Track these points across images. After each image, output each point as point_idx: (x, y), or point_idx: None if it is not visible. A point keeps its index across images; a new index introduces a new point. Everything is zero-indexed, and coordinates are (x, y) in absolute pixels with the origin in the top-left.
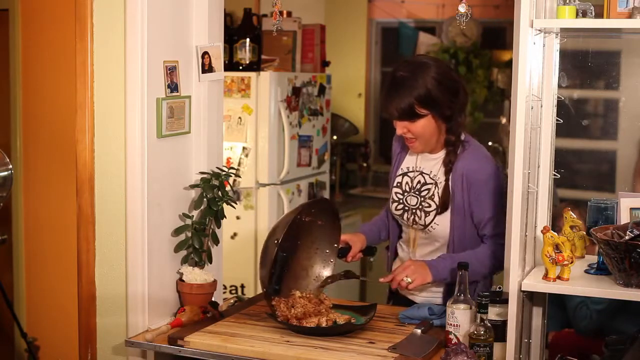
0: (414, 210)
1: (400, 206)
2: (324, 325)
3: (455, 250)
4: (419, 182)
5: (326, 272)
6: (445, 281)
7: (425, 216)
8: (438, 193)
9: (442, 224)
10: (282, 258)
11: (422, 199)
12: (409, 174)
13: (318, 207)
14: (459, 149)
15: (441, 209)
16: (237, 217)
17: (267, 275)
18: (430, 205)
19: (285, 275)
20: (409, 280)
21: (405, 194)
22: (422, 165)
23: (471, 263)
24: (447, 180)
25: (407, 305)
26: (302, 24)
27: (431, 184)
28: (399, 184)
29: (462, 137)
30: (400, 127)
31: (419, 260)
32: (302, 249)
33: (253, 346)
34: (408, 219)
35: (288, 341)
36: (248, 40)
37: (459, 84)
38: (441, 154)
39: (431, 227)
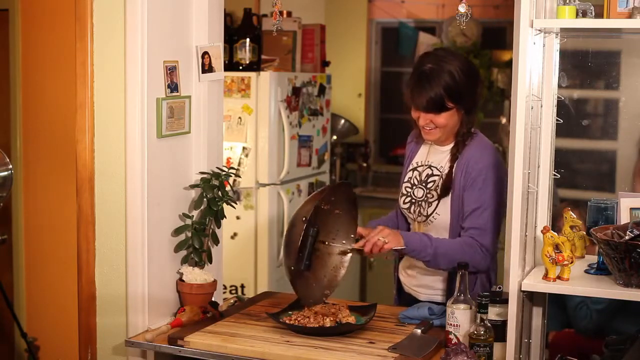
0: (420, 203)
1: (408, 199)
2: (327, 325)
3: None
4: (427, 174)
5: (344, 262)
6: (417, 255)
7: (428, 207)
8: (442, 183)
9: (443, 213)
10: (314, 233)
11: (428, 190)
12: (418, 168)
13: (337, 194)
14: (468, 140)
15: (442, 194)
16: (237, 217)
17: (294, 255)
18: (433, 196)
19: (313, 254)
20: (385, 240)
21: (414, 187)
22: (431, 159)
23: (448, 248)
24: (451, 167)
25: (412, 305)
26: (302, 24)
27: (437, 175)
28: (409, 179)
29: (472, 129)
30: (424, 119)
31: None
32: (319, 237)
33: (253, 346)
34: (414, 211)
35: (288, 341)
36: (248, 40)
37: (478, 74)
38: (450, 146)
39: (433, 217)
